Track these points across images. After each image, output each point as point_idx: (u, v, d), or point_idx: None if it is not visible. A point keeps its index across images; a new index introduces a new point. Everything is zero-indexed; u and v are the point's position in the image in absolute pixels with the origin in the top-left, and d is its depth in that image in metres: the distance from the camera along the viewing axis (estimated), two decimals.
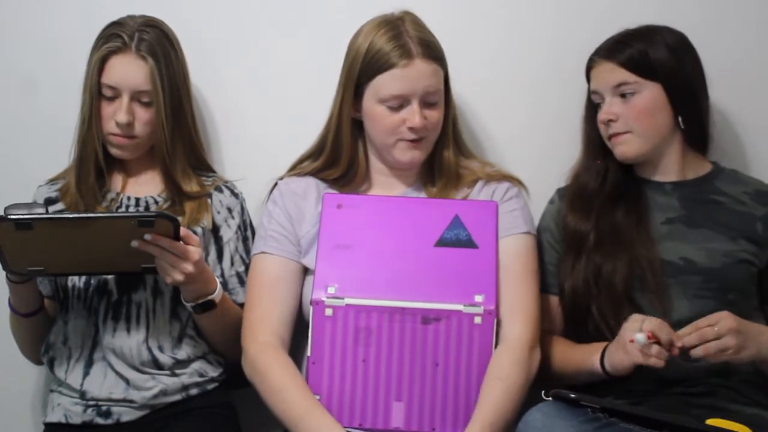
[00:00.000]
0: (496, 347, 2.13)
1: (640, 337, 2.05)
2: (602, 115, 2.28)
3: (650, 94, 2.25)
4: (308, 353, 2.13)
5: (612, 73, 2.26)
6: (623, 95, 2.26)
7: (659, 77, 2.25)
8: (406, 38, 2.22)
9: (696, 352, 2.06)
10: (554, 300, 2.32)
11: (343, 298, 2.12)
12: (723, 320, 2.07)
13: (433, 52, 2.23)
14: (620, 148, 2.27)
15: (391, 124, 2.23)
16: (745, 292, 2.23)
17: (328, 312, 2.12)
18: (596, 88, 2.29)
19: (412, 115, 2.21)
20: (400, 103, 2.22)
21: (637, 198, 2.29)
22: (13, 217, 2.04)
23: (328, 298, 2.12)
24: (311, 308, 2.13)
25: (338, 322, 2.12)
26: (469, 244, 2.17)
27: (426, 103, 2.23)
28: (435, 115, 2.24)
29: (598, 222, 2.27)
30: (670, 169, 2.30)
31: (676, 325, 2.14)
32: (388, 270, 2.15)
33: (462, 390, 2.11)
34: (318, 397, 2.13)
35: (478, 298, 2.12)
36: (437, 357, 2.11)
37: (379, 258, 2.16)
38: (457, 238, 2.17)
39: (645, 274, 2.20)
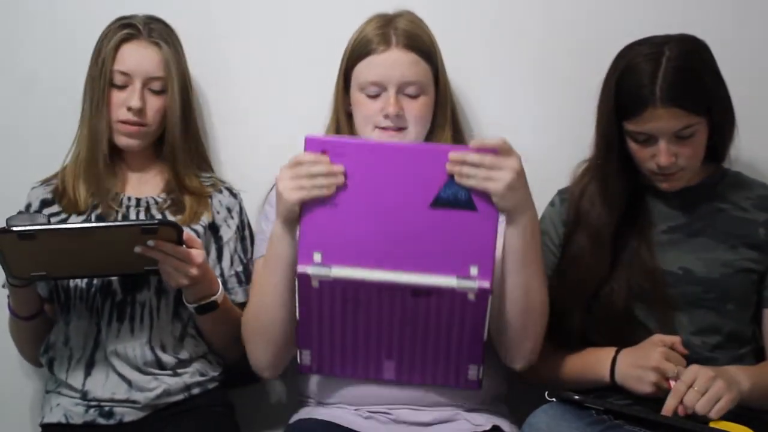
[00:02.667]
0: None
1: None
2: (664, 160, 2.13)
3: (704, 129, 2.17)
4: (297, 317, 2.06)
5: (677, 120, 2.11)
6: (681, 137, 2.14)
7: (710, 110, 2.16)
8: (391, 28, 2.24)
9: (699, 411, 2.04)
10: None
11: (330, 268, 1.98)
12: (699, 376, 2.05)
13: (415, 43, 2.23)
14: (668, 185, 2.20)
15: (369, 112, 2.23)
16: (744, 302, 2.22)
17: (315, 284, 2.01)
18: (650, 131, 2.14)
19: (387, 101, 2.21)
20: (377, 90, 2.22)
21: (640, 208, 2.24)
22: (16, 228, 2.05)
23: (314, 269, 1.99)
24: (296, 280, 2.01)
25: (325, 293, 2.01)
26: (468, 205, 1.98)
27: (406, 94, 2.22)
28: (416, 106, 2.23)
29: (604, 264, 2.21)
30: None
31: (680, 337, 2.16)
32: (379, 233, 1.98)
33: (453, 353, 2.05)
34: (308, 352, 2.08)
35: (473, 271, 1.98)
36: (429, 325, 2.03)
37: (369, 219, 1.98)
38: (455, 197, 1.98)
39: (644, 286, 2.19)
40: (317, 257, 1.99)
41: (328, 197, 1.98)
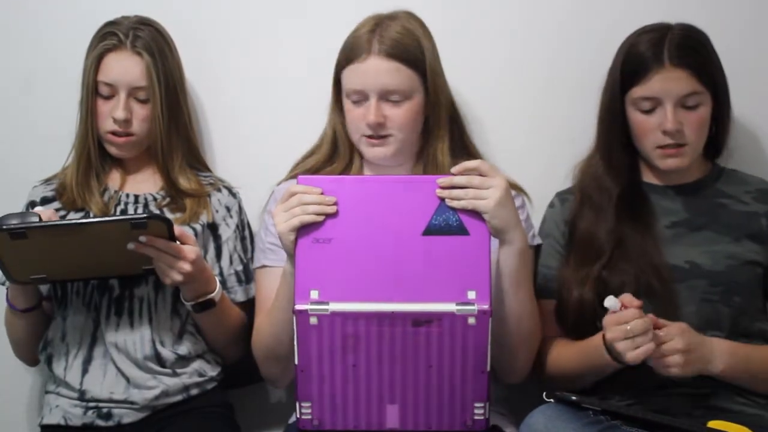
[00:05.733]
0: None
1: (613, 302, 2.03)
2: (670, 125, 2.15)
3: (708, 104, 2.19)
4: (295, 361, 2.02)
5: (683, 82, 2.15)
6: (686, 106, 2.17)
7: (714, 87, 2.19)
8: (376, 35, 2.22)
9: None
10: (552, 304, 2.27)
11: (327, 304, 1.98)
12: (677, 335, 2.05)
13: (395, 50, 2.21)
14: (673, 161, 2.19)
15: (355, 119, 2.24)
16: (750, 294, 2.21)
17: (313, 321, 1.98)
18: (657, 94, 2.16)
19: (368, 110, 2.21)
20: (360, 98, 2.23)
21: (642, 204, 2.25)
22: (6, 227, 2.05)
23: (311, 305, 1.98)
24: (294, 318, 1.98)
25: (324, 330, 1.99)
26: (459, 230, 2.02)
27: (389, 101, 2.22)
28: (399, 113, 2.22)
29: (608, 230, 2.22)
30: (679, 174, 2.26)
31: None
32: (374, 266, 2.00)
33: (458, 389, 2.02)
34: (308, 404, 2.04)
35: (471, 295, 1.98)
36: (430, 359, 2.00)
37: (363, 252, 2.01)
38: (446, 224, 2.02)
39: (652, 281, 2.17)
40: (314, 295, 1.99)
41: (323, 236, 2.01)
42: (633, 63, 2.19)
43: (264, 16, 2.52)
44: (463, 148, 2.34)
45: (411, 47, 2.22)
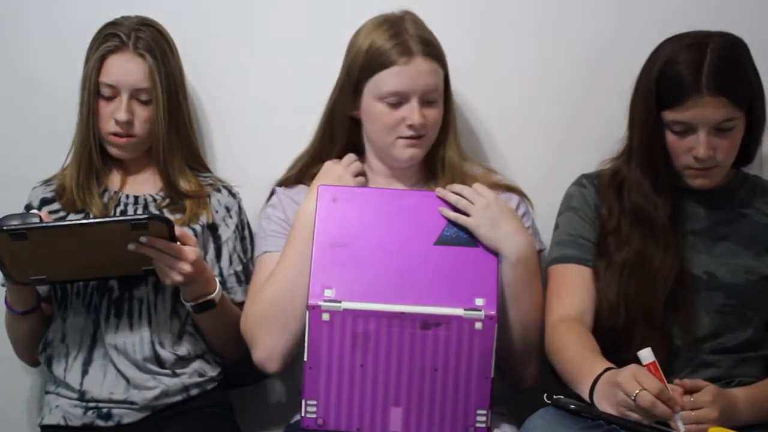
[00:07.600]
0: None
1: (646, 355, 1.96)
2: (702, 152, 2.10)
3: (742, 125, 2.13)
4: (305, 358, 2.08)
5: (720, 111, 2.08)
6: (720, 129, 2.10)
7: (749, 106, 2.13)
8: (406, 36, 2.23)
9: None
10: (587, 272, 2.20)
11: (340, 302, 2.06)
12: (711, 405, 1.99)
13: (432, 50, 2.24)
14: (702, 181, 2.16)
15: (391, 122, 2.23)
16: (763, 309, 2.19)
17: (325, 317, 2.06)
18: (691, 121, 2.10)
19: (412, 112, 2.21)
20: (399, 100, 2.22)
21: (671, 208, 2.19)
22: (6, 228, 2.05)
23: (324, 302, 2.07)
24: (307, 313, 2.07)
25: (335, 327, 2.06)
26: (469, 242, 2.13)
27: (425, 102, 2.23)
28: (433, 113, 2.24)
29: (636, 235, 2.18)
30: None
31: (696, 341, 2.15)
32: (387, 271, 2.10)
33: (461, 395, 2.08)
34: (314, 402, 2.09)
35: (479, 302, 2.07)
36: (437, 362, 2.07)
37: (378, 257, 2.11)
38: (457, 236, 2.14)
39: (676, 290, 2.15)
40: (328, 293, 2.08)
41: (340, 241, 2.11)
42: (669, 84, 2.11)
43: (264, 16, 2.52)
44: (460, 148, 2.34)
45: (438, 46, 2.26)
